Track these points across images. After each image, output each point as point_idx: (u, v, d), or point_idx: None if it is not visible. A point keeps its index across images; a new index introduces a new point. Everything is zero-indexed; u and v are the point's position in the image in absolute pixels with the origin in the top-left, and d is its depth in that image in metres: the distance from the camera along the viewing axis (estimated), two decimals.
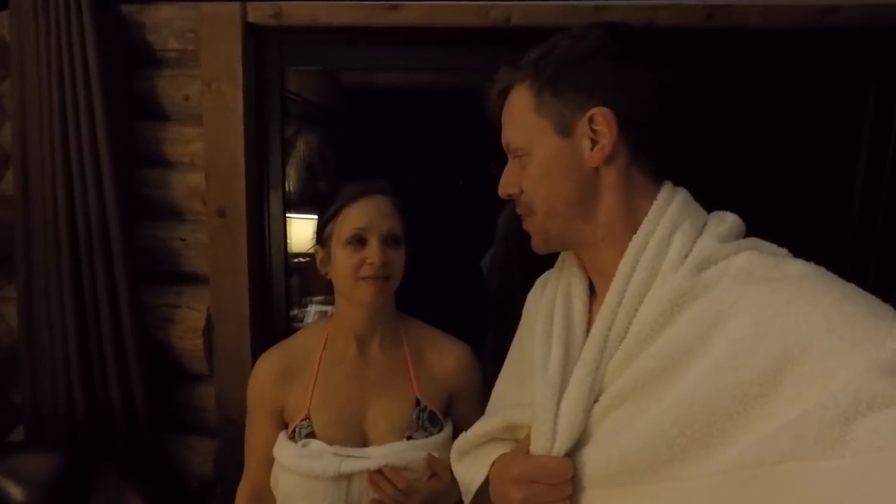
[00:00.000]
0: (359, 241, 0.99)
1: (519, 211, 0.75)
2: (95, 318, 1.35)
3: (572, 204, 0.68)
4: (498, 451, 0.78)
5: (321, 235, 1.03)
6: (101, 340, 1.36)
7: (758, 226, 0.68)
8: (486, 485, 0.78)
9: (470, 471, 0.82)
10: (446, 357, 1.07)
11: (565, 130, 0.67)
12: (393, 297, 1.07)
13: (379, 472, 0.95)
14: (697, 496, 0.53)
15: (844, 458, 0.43)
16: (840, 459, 0.43)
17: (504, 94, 0.73)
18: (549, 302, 0.76)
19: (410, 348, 1.07)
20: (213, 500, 1.50)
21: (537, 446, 0.65)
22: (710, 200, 0.70)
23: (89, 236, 1.33)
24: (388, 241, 1.00)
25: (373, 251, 0.98)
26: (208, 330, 1.46)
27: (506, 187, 0.74)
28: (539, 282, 0.88)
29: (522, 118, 0.70)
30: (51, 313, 1.36)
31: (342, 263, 0.99)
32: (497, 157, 0.78)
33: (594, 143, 0.66)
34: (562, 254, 0.81)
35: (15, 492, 1.06)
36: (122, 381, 1.37)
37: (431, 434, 1.01)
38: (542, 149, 0.69)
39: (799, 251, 0.63)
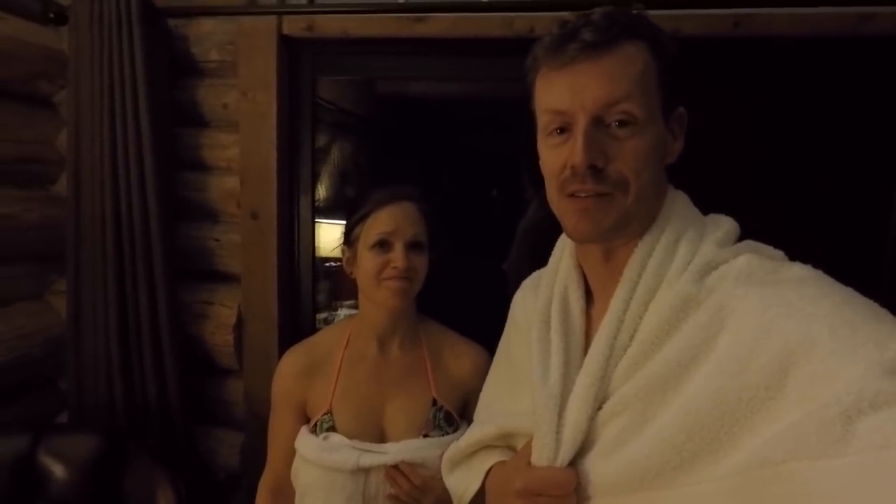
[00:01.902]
0: (384, 245, 1.02)
1: (594, 188, 0.62)
2: (135, 313, 1.43)
3: (655, 196, 0.66)
4: (491, 458, 0.77)
5: (349, 236, 1.08)
6: (139, 334, 1.44)
7: (786, 237, 0.67)
8: (479, 494, 0.77)
9: (463, 480, 0.80)
10: (463, 360, 1.09)
11: (666, 117, 0.65)
12: (414, 300, 1.10)
13: (396, 467, 0.98)
14: (706, 500, 0.53)
15: (847, 457, 0.43)
16: (843, 458, 0.43)
17: (611, 42, 0.62)
18: (544, 306, 0.73)
19: (429, 349, 1.10)
20: (239, 492, 1.56)
21: (540, 457, 0.64)
22: (734, 211, 0.69)
23: (132, 235, 1.42)
24: (412, 246, 1.03)
25: (397, 255, 1.01)
26: (239, 327, 1.53)
27: (594, 156, 0.61)
28: (528, 284, 0.85)
29: (647, 83, 0.62)
30: (95, 307, 1.45)
31: (367, 265, 1.03)
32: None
33: (673, 140, 0.67)
34: (556, 255, 0.79)
35: (57, 469, 1.14)
36: (158, 373, 1.44)
37: (447, 433, 1.04)
38: (657, 127, 0.64)
39: (832, 263, 0.61)
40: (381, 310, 1.06)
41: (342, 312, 2.35)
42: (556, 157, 0.65)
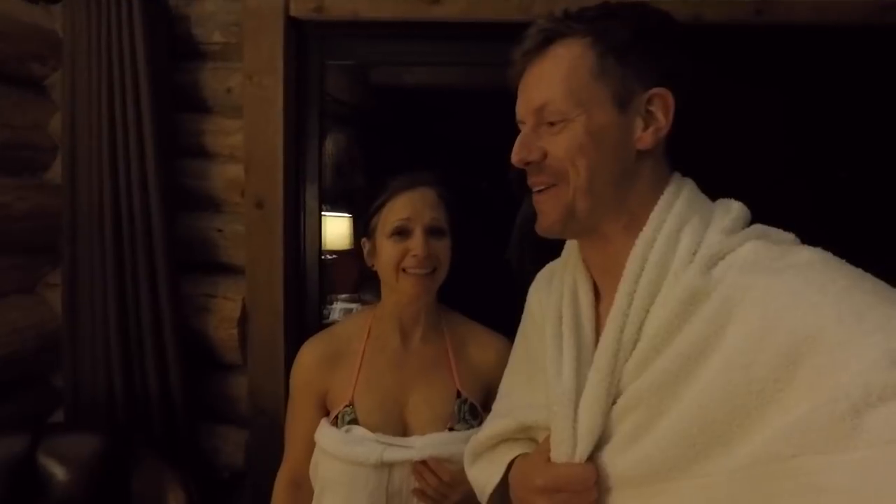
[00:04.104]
0: (403, 232, 0.99)
1: (537, 181, 0.67)
2: (136, 306, 1.38)
3: (610, 184, 0.65)
4: (512, 451, 0.77)
5: (367, 228, 1.05)
6: (140, 327, 1.38)
7: (809, 226, 0.66)
8: (500, 486, 0.77)
9: (484, 473, 0.80)
10: (487, 351, 1.07)
11: (622, 103, 0.64)
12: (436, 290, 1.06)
13: (424, 462, 0.96)
14: (719, 492, 0.53)
15: (857, 451, 0.43)
16: (852, 452, 0.43)
17: (543, 47, 0.66)
18: (556, 300, 0.74)
19: (452, 340, 1.07)
20: (243, 491, 1.51)
21: (559, 453, 0.65)
22: (758, 201, 0.68)
23: (132, 225, 1.36)
24: (432, 231, 1.00)
25: (416, 242, 0.98)
26: (243, 320, 1.48)
27: (525, 152, 0.66)
28: (542, 276, 0.86)
29: (574, 78, 0.64)
30: (93, 300, 1.38)
31: (386, 255, 1.00)
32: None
33: (647, 124, 0.65)
34: (566, 249, 0.79)
35: (58, 471, 1.08)
36: (160, 369, 1.39)
37: (472, 426, 1.01)
38: (594, 117, 0.64)
39: (850, 253, 0.59)
40: (404, 301, 1.03)
41: (338, 306, 2.31)
42: None
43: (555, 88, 0.64)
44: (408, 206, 1.00)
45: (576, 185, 0.64)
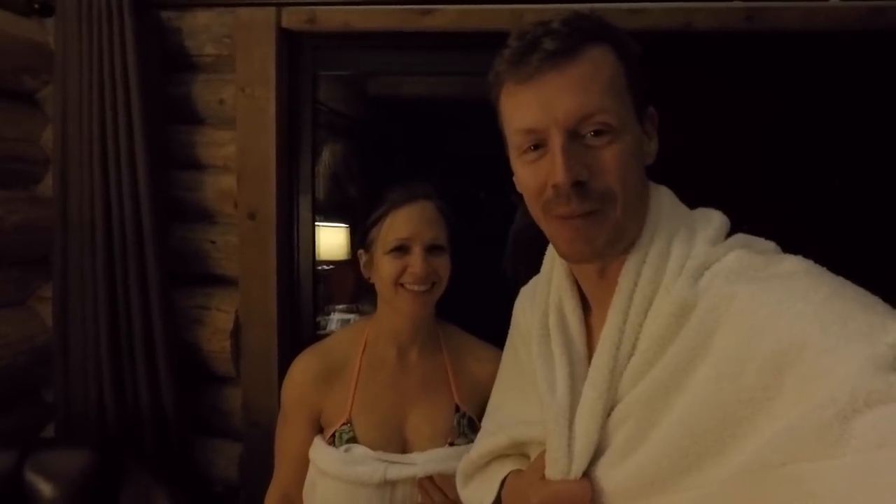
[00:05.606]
0: (402, 249, 0.98)
1: (582, 205, 0.60)
2: (127, 318, 1.37)
3: (640, 199, 0.64)
4: (504, 468, 0.77)
5: (365, 240, 1.03)
6: (131, 340, 1.37)
7: (800, 232, 0.66)
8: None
9: (477, 493, 0.80)
10: (486, 364, 1.04)
11: (640, 119, 0.64)
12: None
13: (430, 478, 0.95)
14: (712, 502, 0.53)
15: (846, 457, 0.43)
16: (841, 458, 0.43)
17: (575, 49, 0.59)
18: (541, 317, 0.73)
19: (450, 355, 1.06)
20: None
21: (554, 471, 0.64)
22: (749, 208, 0.68)
23: (123, 237, 1.35)
24: (432, 249, 0.98)
25: (415, 260, 0.96)
26: (236, 332, 1.47)
27: (576, 171, 0.58)
28: (525, 292, 0.85)
29: (617, 87, 0.60)
30: (84, 312, 1.37)
31: (384, 271, 0.98)
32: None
33: (649, 139, 0.66)
34: (547, 263, 0.77)
35: (45, 488, 1.06)
36: (152, 382, 1.37)
37: (472, 440, 0.99)
38: (630, 130, 0.61)
39: (843, 257, 0.60)
40: (401, 316, 1.02)
41: (335, 316, 2.30)
42: (534, 174, 0.63)
43: (603, 96, 0.59)
44: (407, 225, 0.97)
45: (625, 202, 0.61)
